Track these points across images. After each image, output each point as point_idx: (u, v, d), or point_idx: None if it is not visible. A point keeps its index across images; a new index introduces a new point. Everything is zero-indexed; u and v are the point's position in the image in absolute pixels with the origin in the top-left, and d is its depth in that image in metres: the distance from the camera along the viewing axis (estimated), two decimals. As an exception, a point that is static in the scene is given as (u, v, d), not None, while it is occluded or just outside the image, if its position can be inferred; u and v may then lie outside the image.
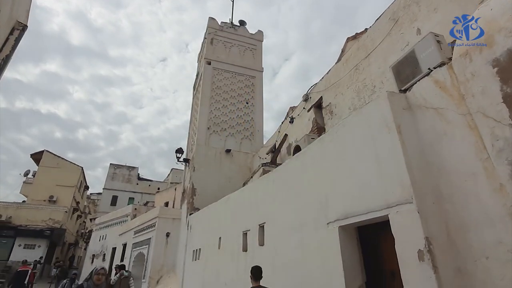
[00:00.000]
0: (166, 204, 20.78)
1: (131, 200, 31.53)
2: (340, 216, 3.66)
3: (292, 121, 9.86)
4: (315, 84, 8.81)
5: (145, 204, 24.07)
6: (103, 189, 33.78)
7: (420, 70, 3.61)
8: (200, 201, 10.81)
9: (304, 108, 9.13)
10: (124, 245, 15.75)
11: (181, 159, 12.83)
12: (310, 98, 8.93)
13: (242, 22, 16.33)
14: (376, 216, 3.17)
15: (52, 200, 25.24)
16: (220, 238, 7.48)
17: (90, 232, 25.18)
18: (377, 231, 3.55)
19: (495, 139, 2.53)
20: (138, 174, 36.08)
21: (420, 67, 3.59)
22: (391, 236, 2.98)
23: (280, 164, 6.26)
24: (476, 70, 2.79)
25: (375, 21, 6.41)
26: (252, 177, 9.31)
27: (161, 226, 12.41)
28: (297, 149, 6.48)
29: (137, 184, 34.88)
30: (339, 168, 3.84)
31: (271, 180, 5.71)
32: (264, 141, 13.11)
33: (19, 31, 4.13)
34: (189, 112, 16.87)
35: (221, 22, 15.80)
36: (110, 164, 35.33)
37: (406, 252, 2.78)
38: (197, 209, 10.36)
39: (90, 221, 33.66)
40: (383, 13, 6.17)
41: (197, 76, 16.20)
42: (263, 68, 15.49)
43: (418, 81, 3.43)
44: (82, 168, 29.10)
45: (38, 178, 26.07)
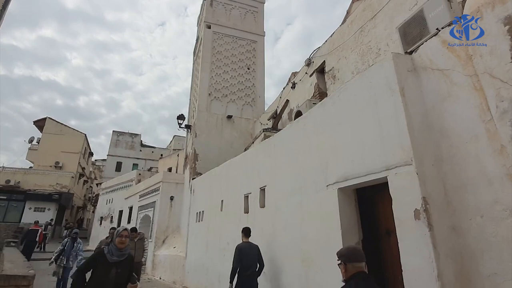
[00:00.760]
0: (170, 170, 21.16)
1: (135, 166, 32.11)
2: (340, 179, 3.73)
3: (294, 87, 9.70)
4: (318, 48, 8.53)
5: (149, 170, 24.53)
6: (107, 156, 34.31)
7: (428, 31, 3.47)
8: (202, 166, 10.98)
9: (306, 73, 8.93)
10: (130, 208, 16.31)
11: (183, 125, 12.82)
12: (313, 63, 8.71)
13: (243, -18, 15.45)
14: (375, 178, 3.22)
15: (58, 166, 25.80)
16: (222, 201, 7.70)
17: (97, 196, 25.97)
18: (375, 193, 3.63)
19: (500, 100, 2.49)
20: (141, 141, 36.39)
21: (428, 28, 3.45)
22: (388, 197, 3.05)
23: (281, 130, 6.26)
24: (487, 29, 2.69)
25: (384, -21, 6.04)
26: (254, 143, 9.37)
27: (165, 190, 12.75)
28: (299, 115, 6.43)
29: (140, 151, 35.32)
30: (340, 132, 3.84)
31: (272, 145, 5.75)
32: (266, 108, 13.01)
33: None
34: (190, 79, 16.59)
35: (221, -18, 14.97)
36: (113, 131, 35.56)
37: (403, 212, 2.86)
38: (200, 174, 10.55)
39: (97, 186, 34.61)
40: (393, -31, 5.80)
41: (197, 41, 15.70)
42: (265, 33, 14.94)
43: (425, 42, 3.31)
44: (86, 135, 29.34)
45: (43, 145, 26.44)
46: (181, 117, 12.67)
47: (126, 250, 3.20)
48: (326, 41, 8.13)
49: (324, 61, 8.04)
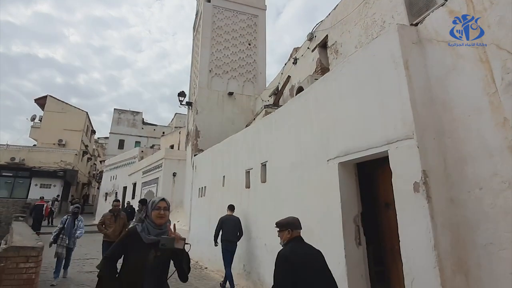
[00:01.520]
0: (172, 147, 21.28)
1: (138, 144, 32.26)
2: (340, 153, 3.74)
3: (296, 62, 9.52)
4: (321, 22, 8.29)
5: (151, 147, 24.68)
6: (110, 133, 34.39)
7: (435, 1, 3.36)
8: (204, 143, 11.03)
9: (309, 48, 8.73)
10: (134, 184, 16.60)
11: (184, 102, 12.74)
12: (315, 37, 8.49)
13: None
14: (376, 152, 3.23)
15: (62, 144, 26.04)
16: (224, 177, 7.80)
17: (101, 173, 26.36)
18: (375, 167, 3.66)
19: (506, 72, 2.44)
20: (143, 119, 36.33)
21: (436, -3, 3.33)
22: (388, 171, 3.07)
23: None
24: (496, -3, 2.59)
25: None
26: (255, 119, 9.34)
27: (168, 167, 12.92)
28: (300, 90, 6.37)
29: (142, 129, 35.34)
30: (342, 107, 3.81)
31: (273, 120, 5.73)
32: (267, 84, 12.84)
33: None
34: (190, 56, 16.28)
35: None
36: (114, 109, 35.40)
37: (402, 185, 2.89)
38: (201, 150, 10.62)
39: (100, 163, 35.01)
40: None
41: (197, 15, 15.24)
42: (266, 7, 14.45)
43: (431, 13, 3.21)
44: (87, 113, 29.30)
45: (45, 123, 26.55)
46: (182, 94, 12.57)
47: (165, 227, 2.30)
48: (329, 14, 7.88)
49: (327, 35, 7.84)
